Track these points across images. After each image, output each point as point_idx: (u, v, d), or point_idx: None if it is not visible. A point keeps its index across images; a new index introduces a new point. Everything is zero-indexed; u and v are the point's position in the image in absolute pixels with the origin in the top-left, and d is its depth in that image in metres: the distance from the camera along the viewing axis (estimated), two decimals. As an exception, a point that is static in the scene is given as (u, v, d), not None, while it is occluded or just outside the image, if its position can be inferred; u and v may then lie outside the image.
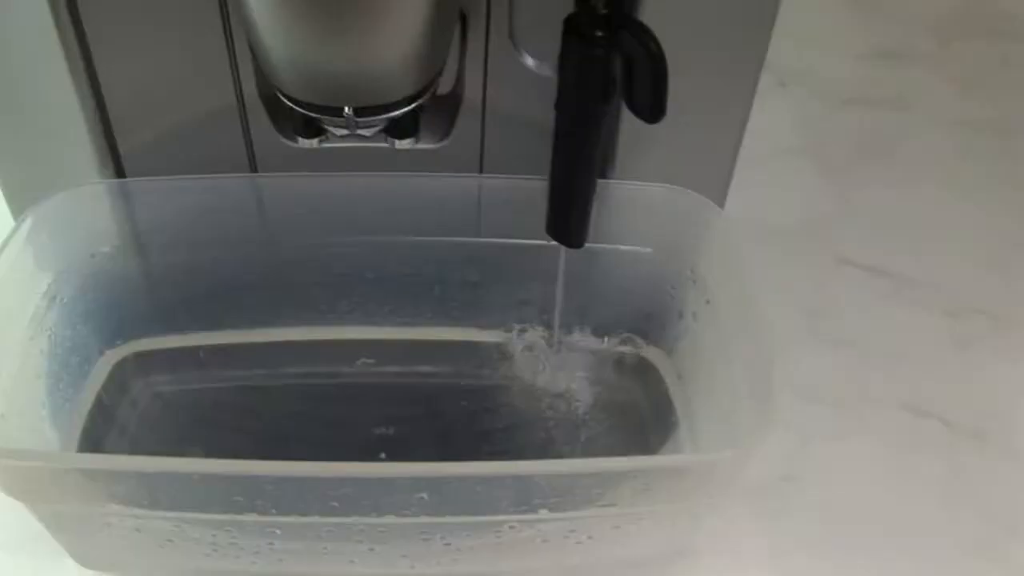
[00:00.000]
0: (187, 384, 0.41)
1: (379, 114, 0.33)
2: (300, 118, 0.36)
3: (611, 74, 0.31)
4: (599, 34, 0.31)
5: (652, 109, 0.31)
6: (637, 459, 0.35)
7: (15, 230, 0.36)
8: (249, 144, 0.37)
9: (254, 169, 0.38)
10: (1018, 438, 0.49)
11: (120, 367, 0.40)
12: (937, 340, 0.53)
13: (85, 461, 0.32)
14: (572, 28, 0.31)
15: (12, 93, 0.34)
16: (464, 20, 0.35)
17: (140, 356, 0.40)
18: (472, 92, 0.37)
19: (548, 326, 0.41)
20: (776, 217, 0.59)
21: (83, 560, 0.35)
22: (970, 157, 0.63)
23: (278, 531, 0.31)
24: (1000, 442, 0.48)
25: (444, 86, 0.38)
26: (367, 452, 0.37)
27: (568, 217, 0.36)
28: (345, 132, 0.34)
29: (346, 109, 0.32)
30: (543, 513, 0.30)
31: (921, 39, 0.72)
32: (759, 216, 0.58)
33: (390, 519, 0.30)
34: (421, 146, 0.38)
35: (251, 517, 0.30)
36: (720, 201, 0.39)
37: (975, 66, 0.70)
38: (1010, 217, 0.59)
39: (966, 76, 0.69)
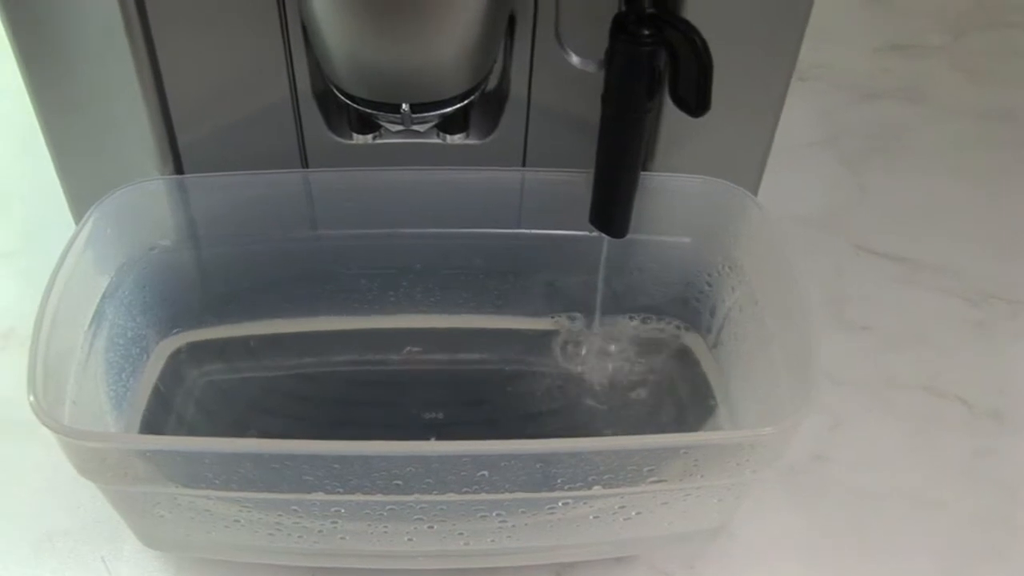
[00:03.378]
0: (240, 373, 0.42)
1: (434, 110, 0.34)
2: (355, 115, 0.37)
3: (657, 71, 0.33)
4: (646, 32, 0.32)
5: (697, 104, 0.32)
6: (688, 436, 0.36)
7: (81, 226, 0.38)
8: (301, 141, 0.39)
9: (305, 165, 0.39)
10: (1028, 418, 0.50)
11: (175, 356, 0.42)
12: (956, 324, 0.55)
13: (156, 443, 0.33)
14: (621, 26, 0.33)
15: (79, 93, 0.36)
16: (512, 22, 0.37)
17: (194, 346, 0.42)
18: (517, 89, 0.39)
19: (590, 314, 0.43)
20: (797, 207, 0.60)
21: (148, 541, 0.37)
22: (984, 146, 0.65)
23: (342, 510, 0.33)
24: (1018, 420, 0.50)
25: (490, 83, 0.39)
26: (417, 436, 0.39)
27: (612, 208, 0.37)
28: (400, 128, 0.35)
29: (403, 106, 0.34)
30: (596, 490, 0.32)
31: (935, 33, 0.74)
32: (780, 206, 0.59)
33: (451, 496, 0.32)
34: (468, 141, 0.40)
35: (318, 496, 0.32)
36: (754, 191, 0.40)
37: (987, 58, 0.72)
38: (1013, 190, 0.61)
39: (979, 67, 0.71)
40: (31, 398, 0.32)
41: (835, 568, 0.44)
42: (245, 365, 0.42)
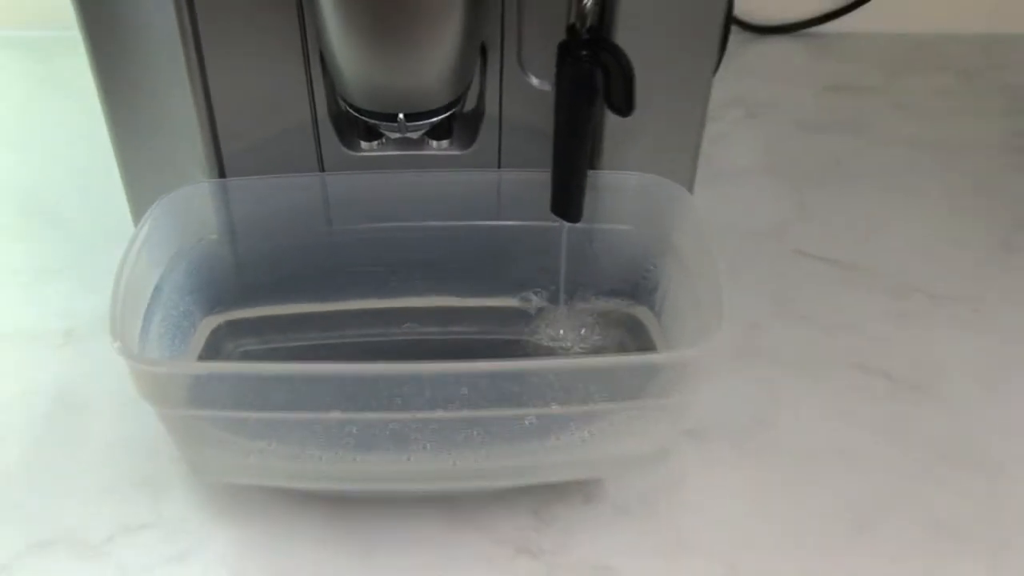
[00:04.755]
0: (268, 344, 0.51)
1: (424, 119, 0.44)
2: (363, 126, 0.47)
3: (594, 83, 0.42)
4: (584, 53, 0.42)
5: (625, 107, 0.42)
6: (625, 357, 0.45)
7: (143, 222, 0.47)
8: (319, 151, 0.49)
9: (322, 170, 0.49)
10: (946, 388, 0.58)
11: (216, 332, 0.51)
12: (881, 313, 0.63)
13: (206, 368, 0.42)
14: (565, 51, 0.42)
15: (146, 116, 0.46)
16: (484, 51, 0.46)
17: (232, 323, 0.51)
18: (491, 108, 0.48)
19: (555, 291, 0.52)
20: (746, 222, 0.69)
21: (194, 467, 0.45)
22: (910, 170, 0.74)
23: (354, 429, 0.41)
24: (933, 391, 0.58)
25: (469, 104, 0.49)
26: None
27: (568, 198, 0.46)
28: (398, 135, 0.45)
29: (399, 115, 0.44)
30: (555, 408, 0.41)
31: (871, 75, 0.84)
32: (732, 221, 0.69)
33: (440, 414, 0.40)
34: (453, 152, 0.49)
35: (335, 415, 0.40)
36: (689, 187, 0.50)
37: (916, 96, 0.82)
38: (942, 214, 0.70)
39: (909, 104, 0.81)
40: (116, 344, 0.41)
41: (773, 508, 0.52)
42: (273, 338, 0.51)
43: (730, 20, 0.78)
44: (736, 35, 0.85)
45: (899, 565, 0.50)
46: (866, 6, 0.86)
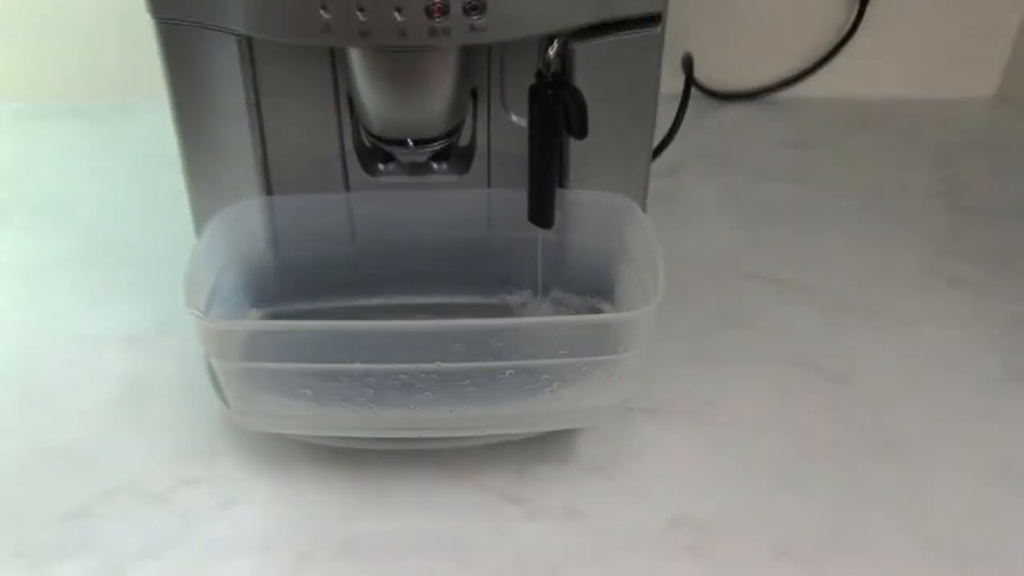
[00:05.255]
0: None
1: (428, 145, 0.57)
2: (380, 153, 0.60)
3: (557, 115, 0.55)
4: (549, 93, 0.55)
5: (580, 133, 0.55)
6: (582, 316, 0.57)
7: (207, 230, 0.59)
8: (346, 176, 0.61)
9: (348, 191, 0.62)
10: (867, 381, 0.69)
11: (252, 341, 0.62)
12: (817, 323, 0.74)
13: (260, 326, 0.55)
14: (533, 91, 0.55)
15: (208, 141, 0.59)
16: (475, 95, 0.60)
17: (272, 315, 0.63)
18: (481, 140, 0.61)
19: (534, 288, 0.64)
20: (704, 253, 0.81)
21: (241, 418, 0.57)
22: (850, 211, 0.86)
23: (372, 379, 0.53)
24: (855, 380, 0.69)
25: (464, 139, 0.62)
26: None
27: (541, 208, 0.59)
28: (408, 158, 0.58)
29: (409, 141, 0.57)
30: (529, 361, 0.52)
31: (819, 134, 0.97)
32: (692, 252, 0.81)
33: (439, 366, 0.52)
34: (451, 176, 0.62)
35: (357, 365, 0.52)
36: (641, 203, 0.62)
37: (860, 151, 0.94)
38: (875, 245, 0.82)
39: (853, 157, 0.93)
40: (191, 309, 0.53)
41: (715, 468, 0.63)
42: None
43: (690, 81, 0.91)
44: (702, 101, 0.99)
45: (816, 512, 0.60)
46: (815, 75, 0.99)
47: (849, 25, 0.97)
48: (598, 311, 0.63)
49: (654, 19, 0.55)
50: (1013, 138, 0.96)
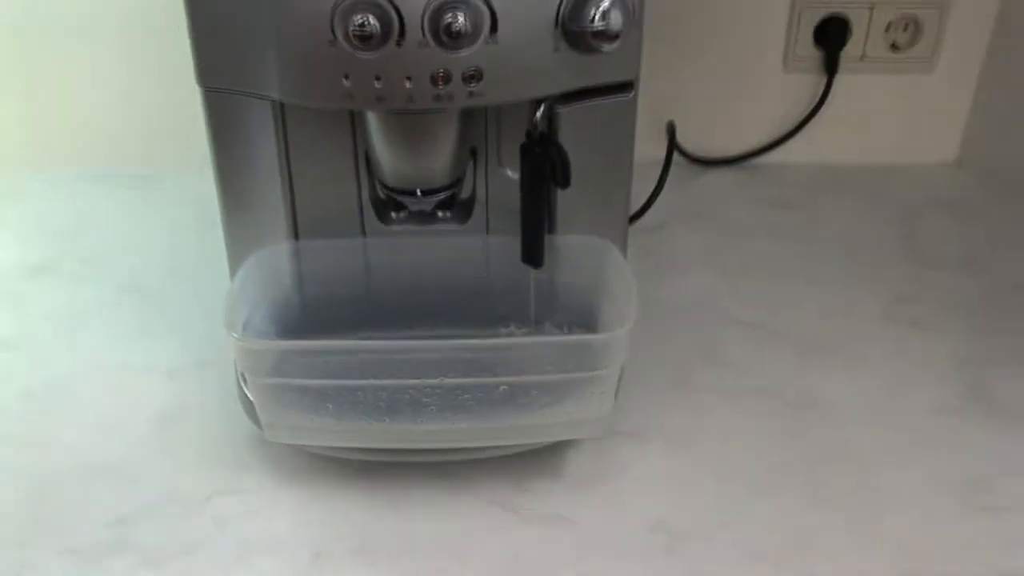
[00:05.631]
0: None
1: (434, 195, 0.66)
2: (392, 202, 0.69)
3: (544, 169, 0.64)
4: (537, 150, 0.64)
5: (564, 183, 0.64)
6: (566, 336, 0.65)
7: (242, 271, 0.68)
8: (363, 224, 0.71)
9: (364, 237, 0.71)
10: (829, 409, 0.77)
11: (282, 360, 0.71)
12: (786, 360, 0.82)
13: (288, 345, 0.63)
14: (524, 149, 0.65)
15: (244, 193, 0.68)
16: (474, 153, 0.69)
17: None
18: (480, 193, 0.70)
19: (528, 323, 0.72)
20: (685, 299, 0.90)
21: (270, 433, 0.65)
22: (819, 261, 0.94)
23: (384, 394, 0.61)
24: (820, 412, 0.77)
25: (465, 192, 0.71)
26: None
27: (533, 250, 0.68)
28: (416, 207, 0.67)
29: (417, 191, 0.66)
30: (523, 376, 0.60)
31: (793, 195, 1.06)
32: (674, 298, 0.89)
33: (443, 380, 0.60)
34: (454, 225, 0.71)
35: (371, 381, 0.60)
36: (621, 246, 0.71)
37: (830, 211, 1.03)
38: (841, 291, 0.90)
39: (824, 216, 1.02)
40: (232, 333, 0.61)
41: (692, 481, 0.70)
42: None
43: (673, 146, 1.01)
44: (687, 167, 1.09)
45: (780, 519, 0.67)
46: (790, 143, 1.09)
47: (818, 97, 1.07)
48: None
49: (627, 86, 0.64)
50: (971, 199, 1.05)
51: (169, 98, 0.98)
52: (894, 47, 1.05)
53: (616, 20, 0.57)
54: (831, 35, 1.04)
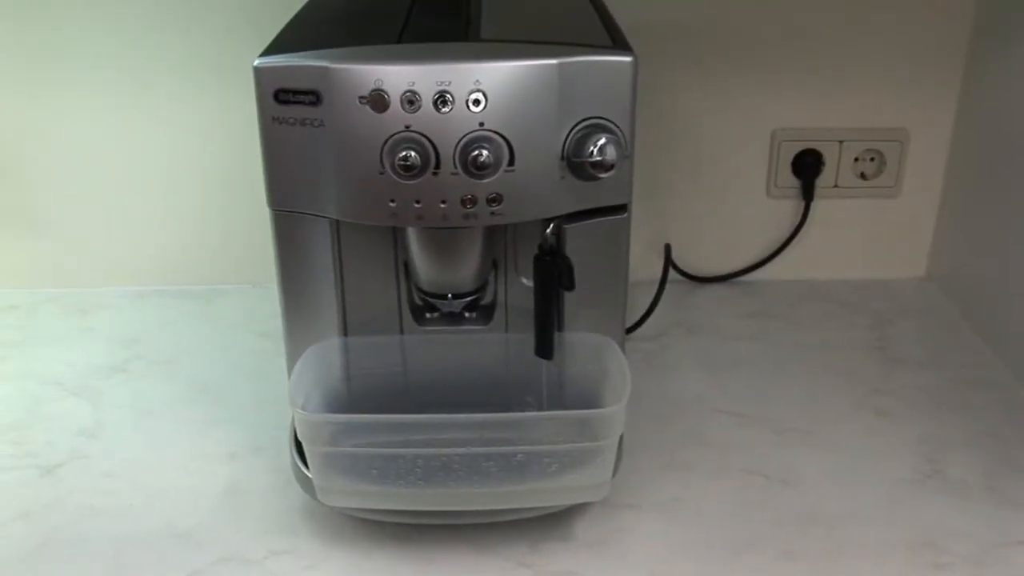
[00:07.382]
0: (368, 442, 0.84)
1: (462, 299, 0.80)
2: (427, 305, 0.83)
3: (553, 276, 0.78)
4: (547, 259, 0.78)
5: (569, 287, 0.77)
6: (568, 412, 0.77)
7: (301, 361, 0.81)
8: (401, 323, 0.84)
9: (402, 335, 0.84)
10: (804, 484, 0.88)
11: (335, 432, 0.83)
12: (766, 444, 0.93)
13: (338, 418, 0.75)
14: (536, 259, 0.78)
15: (303, 298, 0.82)
16: (495, 264, 0.83)
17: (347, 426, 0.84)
18: (500, 297, 0.84)
19: (540, 408, 0.85)
20: (680, 394, 1.02)
21: (324, 496, 0.77)
22: (799, 361, 1.07)
23: (420, 461, 0.73)
24: (795, 486, 0.88)
25: (487, 298, 0.85)
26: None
27: (545, 344, 0.81)
28: (447, 309, 0.81)
29: (448, 295, 0.80)
30: (536, 446, 0.73)
31: (777, 306, 1.19)
32: (668, 394, 1.02)
33: (469, 449, 0.72)
34: (479, 325, 0.85)
35: (408, 449, 0.73)
36: (620, 342, 0.84)
37: (810, 319, 1.17)
38: (818, 386, 1.02)
39: (804, 323, 1.15)
40: (296, 408, 0.74)
41: (683, 544, 0.81)
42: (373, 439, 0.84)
43: (668, 265, 1.15)
44: (683, 284, 1.23)
45: (760, 574, 0.78)
46: (775, 261, 1.23)
47: (798, 221, 1.21)
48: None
49: (622, 208, 0.78)
50: (938, 308, 1.18)
51: (227, 226, 1.16)
52: (863, 176, 1.20)
53: (611, 154, 0.71)
54: (807, 166, 1.19)
